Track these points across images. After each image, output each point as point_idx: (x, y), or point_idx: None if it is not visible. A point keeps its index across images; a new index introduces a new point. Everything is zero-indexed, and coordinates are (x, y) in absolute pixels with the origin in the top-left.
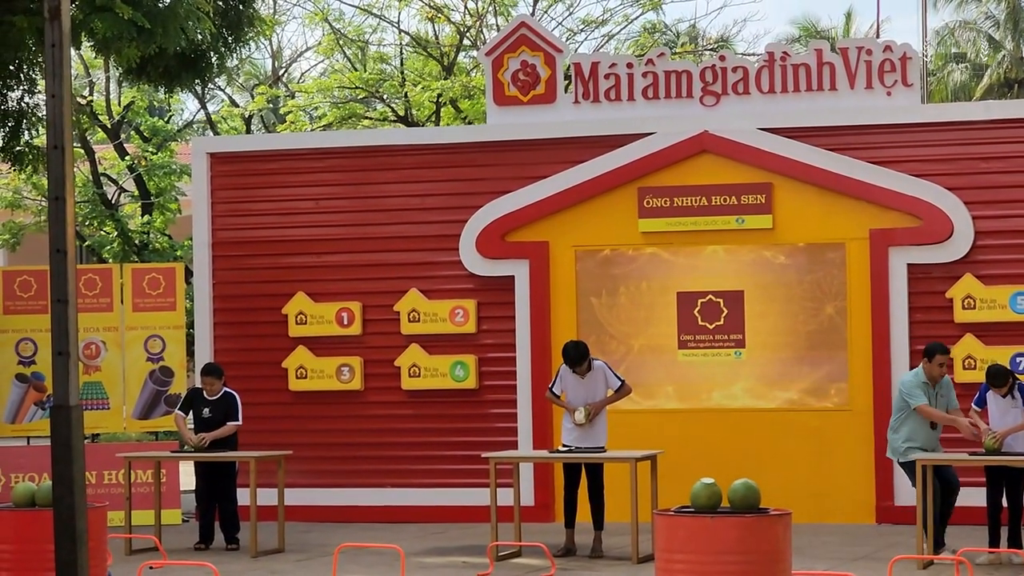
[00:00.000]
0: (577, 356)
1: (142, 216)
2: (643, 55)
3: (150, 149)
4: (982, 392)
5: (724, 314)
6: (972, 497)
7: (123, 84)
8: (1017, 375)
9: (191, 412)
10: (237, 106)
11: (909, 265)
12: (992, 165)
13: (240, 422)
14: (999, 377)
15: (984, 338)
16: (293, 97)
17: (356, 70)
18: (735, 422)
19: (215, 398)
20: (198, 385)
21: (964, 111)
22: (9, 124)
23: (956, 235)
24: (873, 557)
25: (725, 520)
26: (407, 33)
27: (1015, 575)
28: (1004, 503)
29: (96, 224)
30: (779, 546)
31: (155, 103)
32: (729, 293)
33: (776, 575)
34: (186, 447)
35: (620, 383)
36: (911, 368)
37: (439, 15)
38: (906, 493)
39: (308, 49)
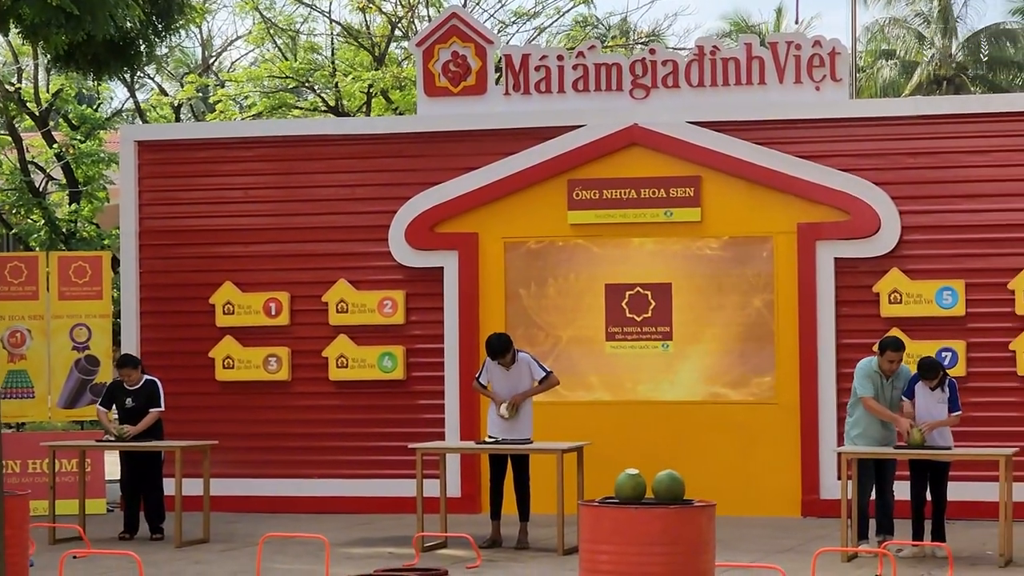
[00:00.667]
0: (500, 347)
1: (70, 204)
2: (574, 48)
3: (78, 137)
4: (911, 383)
5: (652, 306)
6: (896, 491)
7: (51, 71)
8: (947, 370)
9: (114, 405)
10: (166, 95)
11: (836, 259)
12: (920, 161)
13: (163, 408)
14: (931, 370)
15: (910, 332)
16: (223, 86)
17: (287, 59)
18: (662, 414)
19: (136, 387)
20: (118, 377)
21: (892, 107)
22: None
23: (883, 230)
24: (798, 550)
25: (649, 511)
26: (338, 23)
27: (937, 568)
28: (928, 497)
29: (23, 212)
30: (703, 538)
31: (84, 91)
32: (657, 286)
33: (700, 566)
34: (108, 437)
35: (545, 374)
36: (836, 362)
37: (370, 5)
38: (831, 486)
39: (238, 38)
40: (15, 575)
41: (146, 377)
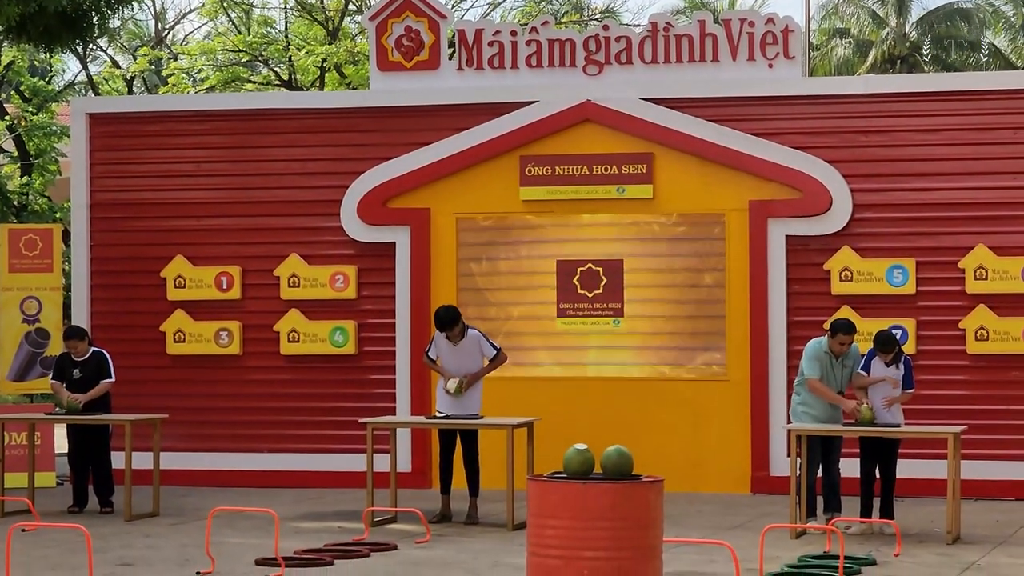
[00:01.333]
0: (448, 320)
1: (21, 177)
2: (527, 24)
3: (30, 109)
4: (867, 359)
5: (603, 283)
6: (845, 468)
7: (3, 43)
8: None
9: (62, 377)
10: (119, 67)
11: (788, 237)
12: (872, 139)
13: (113, 379)
14: (888, 343)
15: (861, 310)
16: (176, 59)
17: (240, 33)
18: (612, 390)
19: (84, 359)
20: (66, 350)
21: (844, 84)
22: None
23: (835, 208)
24: (747, 526)
25: (597, 486)
26: None
27: (885, 545)
28: (877, 474)
29: None
30: (651, 513)
31: (36, 63)
32: (608, 262)
33: (647, 542)
34: (58, 409)
35: (495, 351)
36: (787, 339)
37: None
38: (781, 463)
39: (192, 11)
40: None
41: (93, 349)
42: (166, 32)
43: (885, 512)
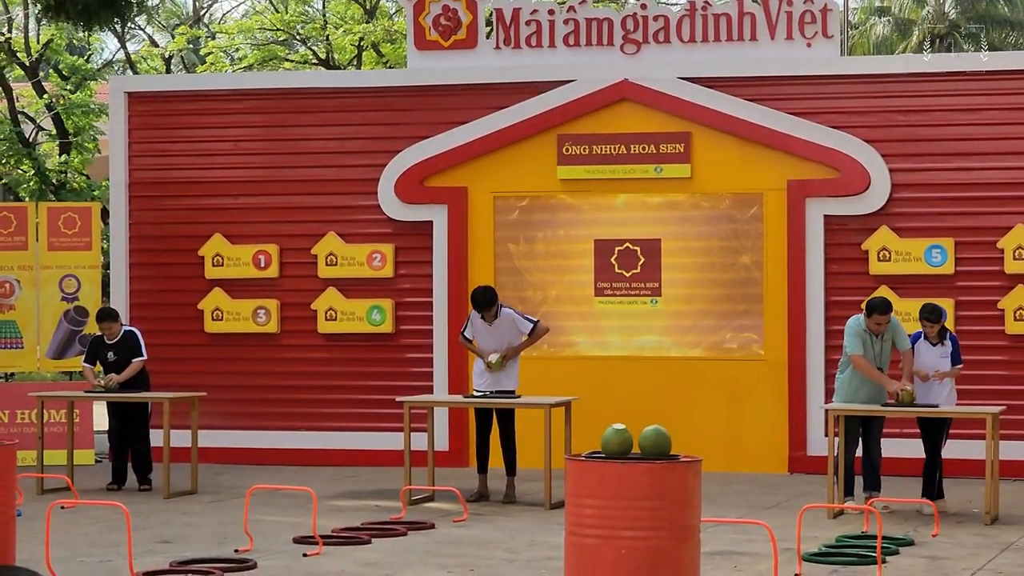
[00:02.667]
0: (485, 301)
1: (60, 155)
2: (565, 2)
3: (68, 88)
4: (913, 341)
5: (641, 262)
6: (895, 448)
7: (42, 21)
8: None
9: (96, 360)
10: (157, 46)
11: (826, 216)
12: (910, 118)
13: (145, 356)
14: (934, 313)
15: (899, 290)
16: (214, 38)
17: (278, 12)
18: (650, 370)
19: (116, 340)
20: (100, 333)
21: (883, 64)
22: None
23: (873, 187)
24: (784, 506)
25: (635, 466)
26: None
27: (923, 525)
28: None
29: (13, 162)
30: (689, 493)
31: (75, 41)
32: (646, 242)
33: (686, 522)
34: (97, 388)
35: (532, 324)
36: (825, 318)
37: None
38: (818, 443)
39: None
40: (3, 525)
41: (125, 328)
42: (204, 11)
43: (928, 491)
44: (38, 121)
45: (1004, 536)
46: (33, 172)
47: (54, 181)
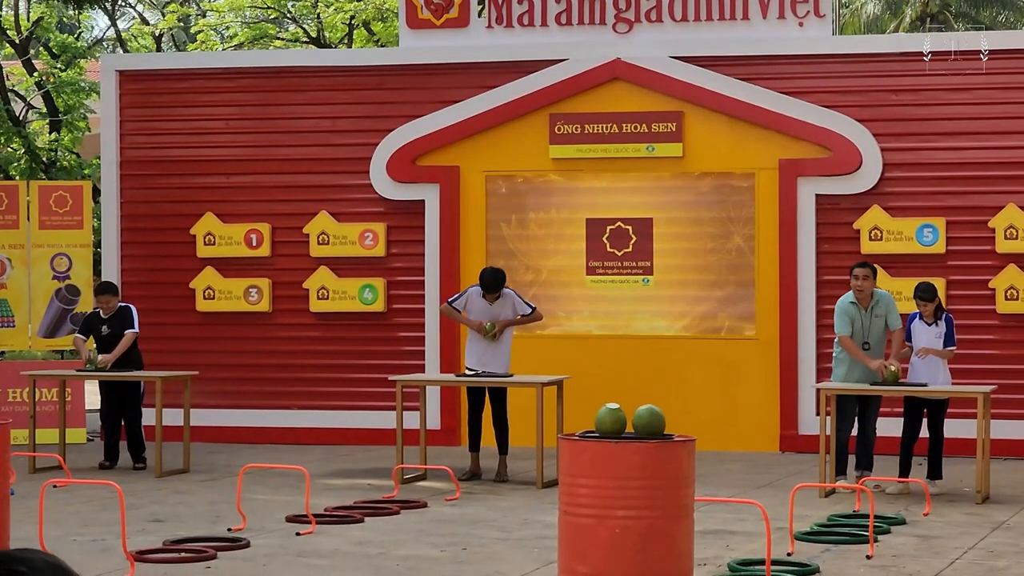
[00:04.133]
0: (494, 284)
1: (50, 133)
2: None
3: (59, 66)
4: (908, 324)
5: (633, 241)
6: (887, 427)
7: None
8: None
9: (89, 335)
10: (148, 24)
11: (817, 195)
12: (902, 98)
13: (136, 329)
14: (928, 291)
15: (890, 269)
16: (204, 16)
17: None
18: (642, 349)
19: (111, 315)
20: (97, 308)
21: (875, 43)
22: None
23: (865, 167)
24: (776, 485)
25: (629, 445)
26: None
27: (914, 504)
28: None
29: (3, 140)
30: (682, 472)
31: (65, 19)
32: (638, 220)
33: (679, 501)
34: (89, 365)
35: (531, 309)
36: (816, 298)
37: None
38: (809, 422)
39: None
40: None
41: (120, 304)
42: None
43: (934, 471)
44: (28, 99)
45: (995, 515)
46: (23, 150)
47: (44, 159)
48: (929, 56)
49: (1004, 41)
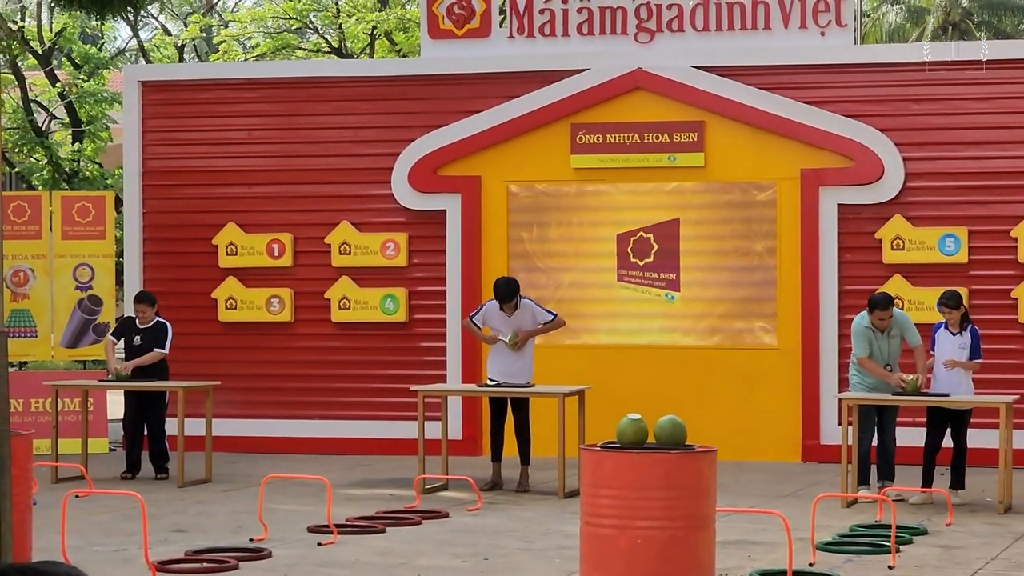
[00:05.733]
0: (508, 293)
1: (72, 144)
2: None
3: (81, 76)
4: (933, 333)
5: (654, 251)
6: (908, 438)
7: (55, 10)
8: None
9: (123, 340)
10: (170, 34)
11: (839, 205)
12: (924, 107)
13: (166, 351)
14: (953, 299)
15: (912, 279)
16: (226, 26)
17: (290, 0)
18: (663, 359)
19: (147, 326)
20: (130, 313)
21: (897, 52)
22: None
23: (887, 176)
24: (798, 495)
25: (651, 456)
26: None
27: (937, 515)
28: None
29: (26, 151)
30: (704, 483)
31: (87, 30)
32: (660, 230)
33: (701, 511)
34: (110, 377)
35: (552, 316)
36: (838, 307)
37: None
38: (831, 432)
39: None
40: (18, 514)
41: (158, 319)
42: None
43: (957, 482)
44: (51, 110)
45: (1018, 525)
46: (46, 161)
47: (67, 170)
48: (928, 55)
49: None
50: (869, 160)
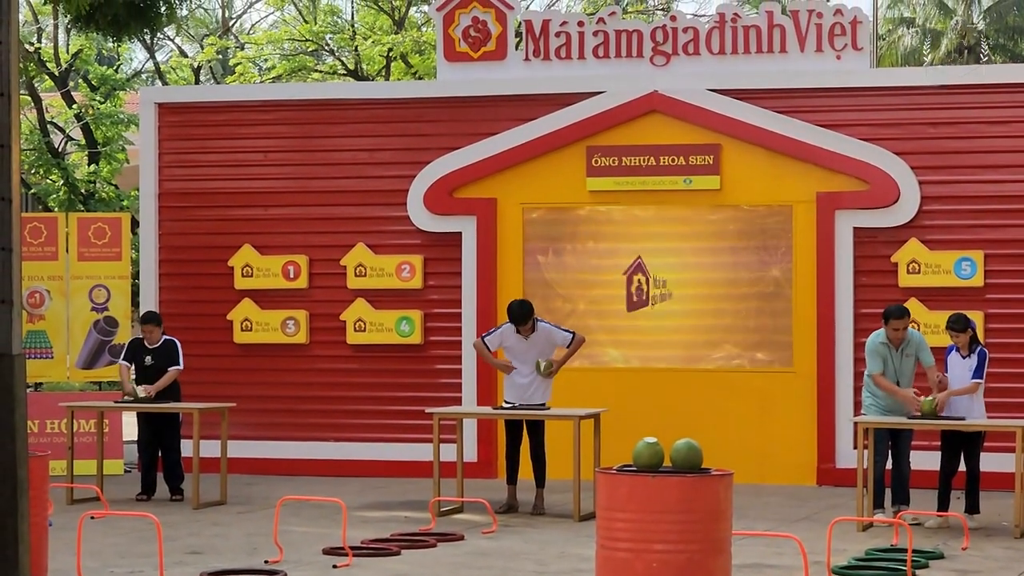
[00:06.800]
0: (522, 315)
1: (89, 165)
2: (594, 14)
3: (98, 98)
4: (946, 356)
5: (671, 274)
6: (924, 461)
7: (71, 32)
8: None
9: (133, 362)
10: (186, 56)
11: (855, 229)
12: (940, 131)
13: (181, 366)
14: (959, 321)
15: (928, 303)
16: (243, 48)
17: (307, 22)
18: (679, 382)
19: (156, 346)
20: (139, 335)
21: (913, 76)
22: None
23: (903, 200)
24: (813, 519)
25: (667, 479)
26: None
27: (953, 539)
28: (960, 468)
29: (42, 172)
30: (720, 506)
31: (104, 51)
32: (676, 253)
33: (716, 535)
34: (127, 397)
35: (571, 336)
36: (854, 331)
37: None
38: (846, 455)
39: (259, 0)
40: (35, 535)
41: (165, 337)
42: (233, 21)
43: (971, 506)
44: (67, 131)
45: None
46: (62, 182)
47: (83, 191)
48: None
49: None
50: (885, 184)
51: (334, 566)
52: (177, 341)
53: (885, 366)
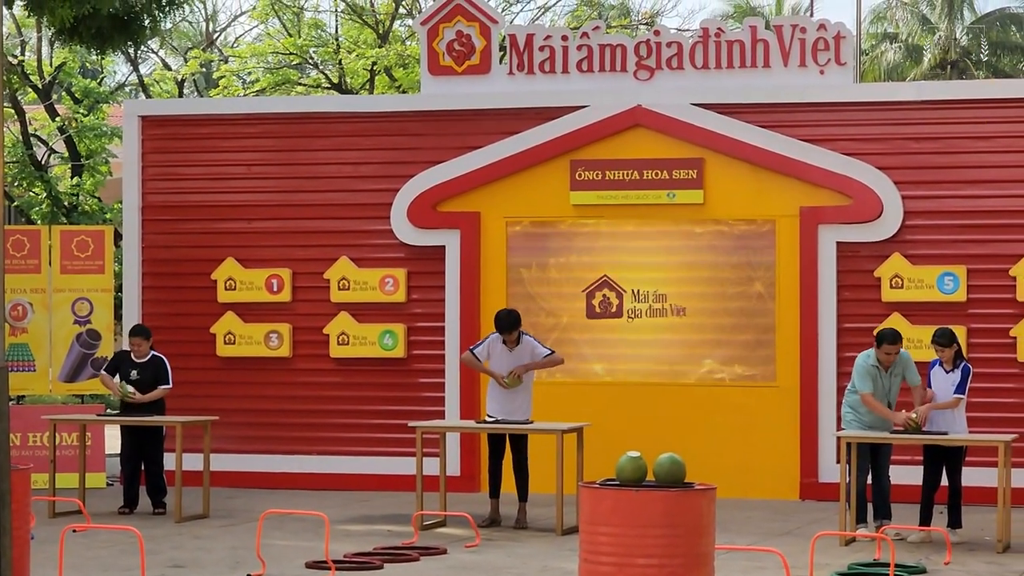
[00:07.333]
0: (509, 324)
1: (72, 178)
2: (578, 28)
3: (81, 111)
4: (929, 370)
5: (654, 288)
6: (906, 476)
7: (55, 44)
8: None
9: (118, 376)
10: (170, 69)
11: (838, 243)
12: (923, 146)
13: (171, 385)
14: (943, 336)
15: (911, 317)
16: (226, 62)
17: (291, 36)
18: (662, 396)
19: (143, 361)
20: (125, 347)
21: (896, 91)
22: None
23: (885, 215)
24: (796, 533)
25: (650, 494)
26: (343, 0)
27: (935, 553)
28: (943, 483)
29: (25, 185)
30: (703, 521)
31: (87, 64)
32: (659, 267)
33: (699, 549)
34: (109, 410)
35: (550, 353)
36: (837, 345)
37: None
38: (829, 470)
39: (243, 13)
40: (17, 548)
41: (153, 353)
42: (217, 34)
43: (953, 520)
44: (50, 144)
45: (1016, 564)
46: (45, 195)
47: (66, 204)
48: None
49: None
50: (868, 198)
51: None
52: (166, 359)
53: (875, 386)
